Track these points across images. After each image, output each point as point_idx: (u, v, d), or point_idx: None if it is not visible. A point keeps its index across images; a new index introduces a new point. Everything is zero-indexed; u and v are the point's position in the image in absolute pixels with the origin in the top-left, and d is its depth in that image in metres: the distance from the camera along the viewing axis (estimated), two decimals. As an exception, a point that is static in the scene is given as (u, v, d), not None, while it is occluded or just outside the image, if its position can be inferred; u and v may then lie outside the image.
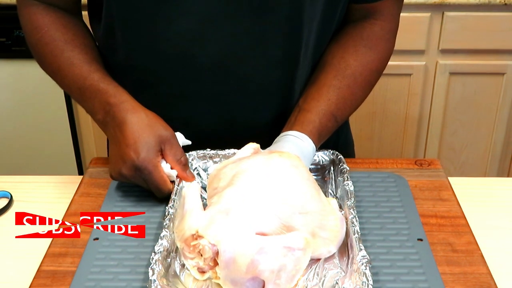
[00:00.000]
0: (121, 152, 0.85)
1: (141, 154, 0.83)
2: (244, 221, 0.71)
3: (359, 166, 0.95)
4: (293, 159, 0.80)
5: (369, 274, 0.67)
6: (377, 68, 0.98)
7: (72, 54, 0.92)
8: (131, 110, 0.87)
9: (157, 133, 0.85)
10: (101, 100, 0.88)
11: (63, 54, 0.92)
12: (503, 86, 1.91)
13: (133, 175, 0.84)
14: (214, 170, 0.84)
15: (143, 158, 0.83)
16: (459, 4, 1.77)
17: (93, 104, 0.89)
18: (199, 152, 0.92)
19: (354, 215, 0.77)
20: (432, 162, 0.96)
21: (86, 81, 0.90)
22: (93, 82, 0.90)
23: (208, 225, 0.71)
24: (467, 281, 0.73)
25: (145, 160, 0.83)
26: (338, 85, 0.94)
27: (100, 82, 0.90)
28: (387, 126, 2.00)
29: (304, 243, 0.70)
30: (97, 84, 0.89)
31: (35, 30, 0.94)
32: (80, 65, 0.91)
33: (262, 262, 0.68)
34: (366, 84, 0.97)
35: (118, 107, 0.87)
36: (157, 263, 0.70)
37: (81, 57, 0.92)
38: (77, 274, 0.74)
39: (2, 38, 1.90)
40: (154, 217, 0.84)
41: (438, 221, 0.83)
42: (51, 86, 2.00)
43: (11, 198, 0.92)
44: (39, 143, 2.09)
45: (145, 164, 0.83)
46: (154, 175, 0.84)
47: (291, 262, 0.69)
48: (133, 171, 0.84)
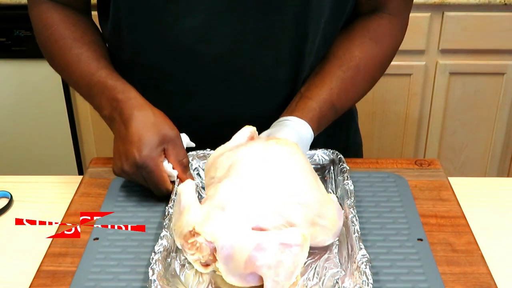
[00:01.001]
0: (124, 148, 0.85)
1: (144, 152, 0.83)
2: (240, 216, 0.71)
3: (359, 166, 0.95)
4: (291, 146, 0.79)
5: (369, 273, 0.67)
6: (381, 62, 0.98)
7: (81, 51, 0.93)
8: (138, 107, 0.87)
9: (161, 132, 0.86)
10: (108, 96, 0.89)
11: (72, 51, 0.93)
12: (503, 86, 1.91)
13: (134, 172, 0.85)
14: (211, 158, 0.83)
15: (145, 156, 0.83)
16: (459, 4, 1.77)
17: (100, 100, 0.90)
18: (199, 152, 0.93)
19: (354, 214, 0.77)
20: (432, 162, 0.96)
21: (94, 78, 0.91)
22: (101, 78, 0.91)
23: (204, 222, 0.71)
24: (467, 281, 0.73)
25: (147, 158, 0.83)
26: (342, 75, 0.94)
27: (108, 78, 0.91)
28: (387, 126, 2.00)
29: (302, 239, 0.70)
30: (105, 81, 0.90)
31: (45, 28, 0.95)
32: (88, 62, 0.92)
33: (260, 259, 0.68)
34: (369, 77, 0.97)
35: (126, 103, 0.87)
36: (157, 263, 0.70)
37: (90, 54, 0.93)
38: (77, 274, 0.74)
39: (2, 38, 1.90)
40: (154, 217, 0.84)
41: (438, 221, 0.83)
42: (51, 86, 1.99)
43: (11, 198, 0.92)
44: (39, 143, 2.09)
45: (146, 162, 0.83)
46: (155, 174, 0.84)
47: (289, 259, 0.69)
48: (134, 168, 0.84)
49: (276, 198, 0.73)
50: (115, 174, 0.88)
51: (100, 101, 0.90)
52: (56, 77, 1.95)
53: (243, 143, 0.83)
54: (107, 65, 0.93)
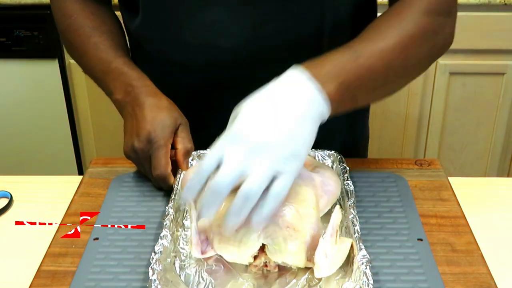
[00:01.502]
0: (138, 126, 0.88)
1: (157, 129, 0.86)
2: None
3: (359, 166, 0.95)
4: None
5: (369, 274, 0.67)
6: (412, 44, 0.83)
7: (99, 40, 0.96)
8: (153, 94, 0.91)
9: (174, 115, 0.89)
10: (123, 81, 0.92)
11: (91, 40, 0.97)
12: (503, 86, 1.91)
13: (143, 149, 0.86)
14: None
15: (158, 133, 0.86)
16: (459, 4, 1.75)
17: (115, 85, 0.93)
18: (199, 152, 0.93)
19: (354, 215, 0.77)
20: (432, 162, 0.96)
21: (111, 65, 0.94)
22: (118, 65, 0.94)
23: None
24: (467, 281, 0.73)
25: (158, 135, 0.86)
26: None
27: (125, 66, 0.94)
28: (387, 126, 2.00)
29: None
30: (121, 68, 0.94)
31: (64, 17, 0.99)
32: (106, 50, 0.96)
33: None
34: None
35: (140, 89, 0.91)
36: (157, 263, 0.70)
37: (108, 43, 0.97)
38: (77, 274, 0.74)
39: (2, 38, 1.90)
40: (154, 217, 0.84)
41: (438, 221, 0.83)
42: (51, 86, 2.00)
43: (11, 198, 0.92)
44: (39, 143, 2.09)
45: (157, 138, 0.86)
46: (161, 151, 0.86)
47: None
48: (145, 144, 0.86)
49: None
50: (125, 153, 0.90)
51: (114, 86, 0.93)
52: (56, 77, 1.97)
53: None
54: (124, 54, 0.97)
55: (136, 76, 0.93)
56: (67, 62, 1.94)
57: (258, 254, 0.72)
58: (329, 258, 0.70)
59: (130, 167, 0.94)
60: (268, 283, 0.72)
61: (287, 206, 0.73)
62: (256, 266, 0.72)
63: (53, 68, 1.94)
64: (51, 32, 1.86)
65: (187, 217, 0.82)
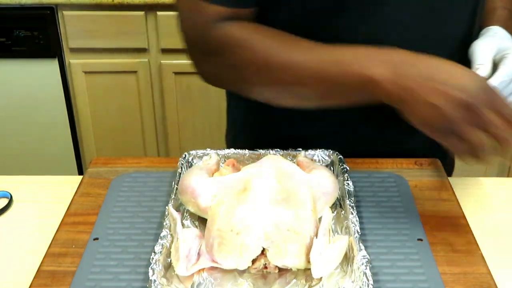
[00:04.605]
0: (453, 79, 0.72)
1: (477, 77, 0.76)
2: None
3: (359, 166, 0.95)
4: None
5: (369, 274, 0.67)
6: None
7: (294, 42, 0.83)
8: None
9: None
10: (370, 56, 0.78)
11: (285, 46, 0.83)
12: (503, 86, 1.90)
13: (476, 104, 0.70)
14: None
15: (483, 78, 0.77)
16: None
17: (361, 64, 0.78)
18: (199, 152, 0.92)
19: (354, 215, 0.77)
20: (432, 162, 0.96)
21: (336, 50, 0.81)
22: (343, 47, 0.81)
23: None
24: (467, 281, 0.73)
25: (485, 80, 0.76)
26: None
27: (352, 47, 0.81)
28: (387, 126, 1.99)
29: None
30: (353, 47, 0.80)
31: (239, 47, 0.84)
32: (311, 45, 0.82)
33: None
34: None
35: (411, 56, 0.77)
36: (157, 263, 0.70)
37: (303, 41, 0.83)
38: (77, 274, 0.74)
39: (2, 38, 1.90)
40: (154, 217, 0.84)
41: (438, 221, 0.83)
42: (51, 86, 2.00)
43: (11, 198, 0.92)
44: (39, 143, 2.09)
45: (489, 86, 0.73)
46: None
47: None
48: (483, 94, 0.71)
49: None
50: (427, 127, 0.74)
51: (360, 65, 0.77)
52: (56, 77, 1.97)
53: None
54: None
55: (384, 50, 0.78)
56: (67, 62, 1.94)
57: (257, 257, 0.72)
58: (324, 257, 0.70)
59: (130, 167, 0.94)
60: (268, 283, 0.72)
61: (286, 209, 0.73)
62: (255, 268, 0.72)
63: (53, 68, 1.95)
64: (51, 32, 1.86)
65: (187, 217, 0.82)
